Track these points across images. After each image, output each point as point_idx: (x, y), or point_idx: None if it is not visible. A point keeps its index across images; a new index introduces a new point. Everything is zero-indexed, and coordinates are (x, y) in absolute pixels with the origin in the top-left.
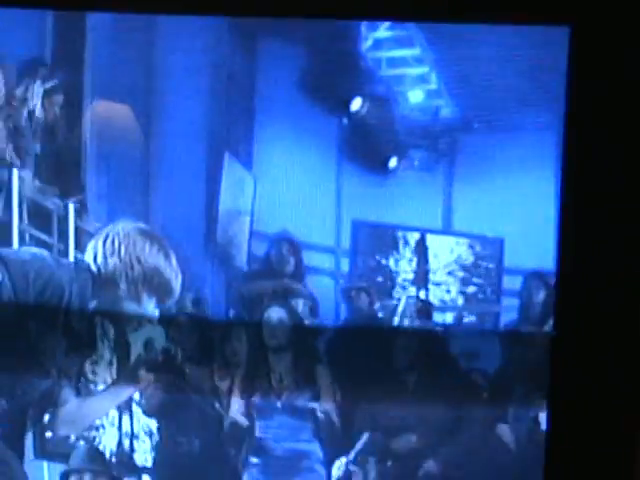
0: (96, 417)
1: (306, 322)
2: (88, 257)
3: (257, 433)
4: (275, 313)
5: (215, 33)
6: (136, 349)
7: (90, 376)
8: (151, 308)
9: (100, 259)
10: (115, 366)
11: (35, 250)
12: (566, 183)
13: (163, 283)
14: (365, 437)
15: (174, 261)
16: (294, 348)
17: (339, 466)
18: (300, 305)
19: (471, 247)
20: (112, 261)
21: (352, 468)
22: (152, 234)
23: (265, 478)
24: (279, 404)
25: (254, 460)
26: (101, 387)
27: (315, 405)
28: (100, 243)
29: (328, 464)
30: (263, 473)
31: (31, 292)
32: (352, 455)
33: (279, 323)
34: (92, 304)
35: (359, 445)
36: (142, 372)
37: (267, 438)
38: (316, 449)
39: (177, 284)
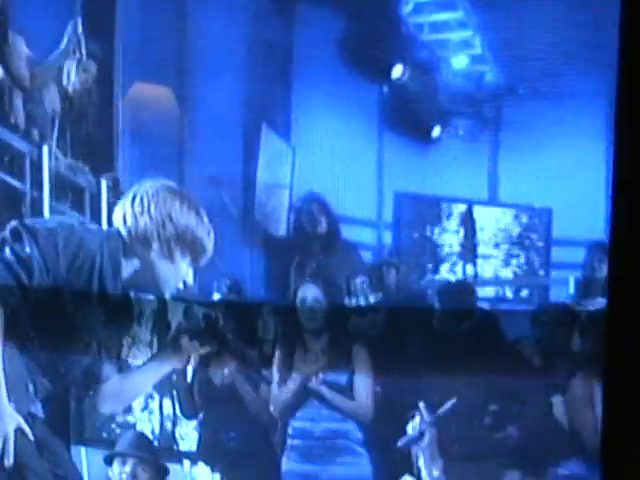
0: (139, 392)
1: (343, 300)
2: (117, 219)
3: (295, 414)
4: (310, 292)
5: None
6: (177, 318)
7: (131, 349)
8: (185, 268)
9: (130, 220)
10: (156, 337)
11: (62, 218)
12: (619, 150)
13: (196, 241)
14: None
15: (205, 219)
16: (330, 327)
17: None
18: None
19: (518, 218)
20: (142, 220)
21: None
22: (181, 192)
23: (304, 460)
24: (314, 384)
25: (293, 442)
26: (140, 361)
27: (350, 384)
28: (128, 203)
29: (368, 445)
30: (303, 455)
31: (62, 261)
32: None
33: (314, 302)
34: (126, 271)
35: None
36: (184, 341)
37: (304, 419)
38: (354, 429)
39: (210, 242)
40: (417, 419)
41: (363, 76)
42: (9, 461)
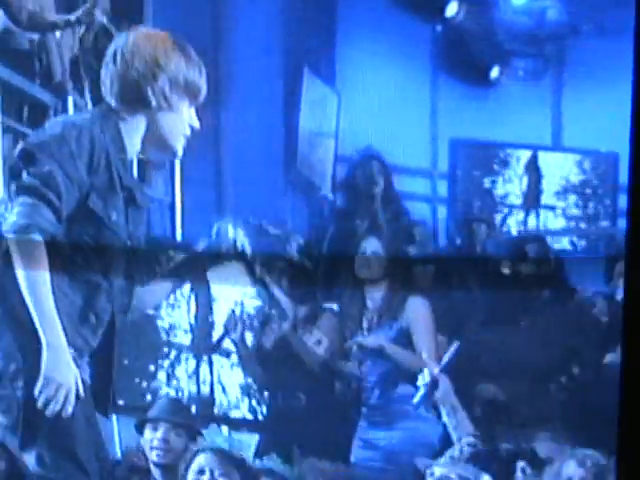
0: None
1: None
2: (104, 89)
3: (354, 377)
4: (370, 244)
5: None
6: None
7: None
8: (186, 112)
9: (117, 84)
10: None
11: (63, 118)
12: None
13: (189, 82)
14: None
15: (193, 54)
16: (389, 280)
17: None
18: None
19: (583, 164)
20: (130, 77)
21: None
22: (159, 33)
23: (367, 425)
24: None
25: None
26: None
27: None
28: (111, 65)
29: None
30: (366, 419)
31: (80, 166)
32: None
33: (373, 252)
34: (132, 145)
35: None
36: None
37: (362, 385)
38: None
39: (203, 80)
40: (425, 371)
41: (414, 15)
42: (67, 412)
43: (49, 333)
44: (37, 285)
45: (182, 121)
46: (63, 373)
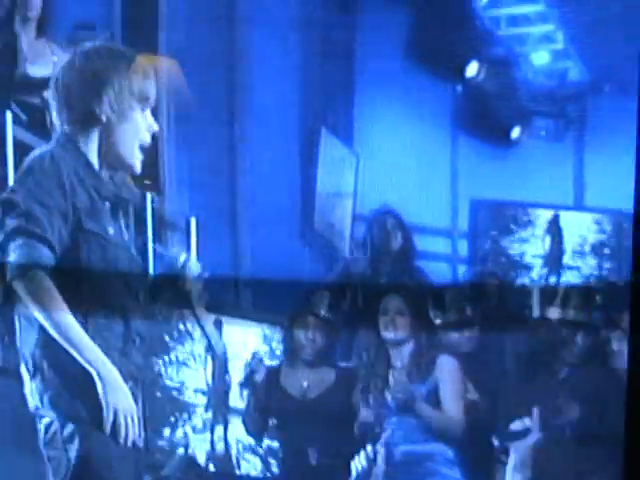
0: None
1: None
2: (56, 118)
3: (377, 435)
4: (393, 302)
5: None
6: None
7: None
8: (140, 118)
9: (65, 113)
10: None
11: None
12: None
13: (136, 89)
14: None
15: (136, 59)
16: (415, 339)
17: None
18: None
19: (603, 223)
20: (73, 97)
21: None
22: (95, 49)
23: None
24: (396, 402)
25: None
26: None
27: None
28: (53, 93)
29: (460, 464)
30: (388, 477)
31: (56, 193)
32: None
33: (397, 313)
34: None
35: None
36: None
37: (387, 442)
38: (441, 449)
39: (150, 82)
40: (526, 419)
41: (434, 75)
42: (135, 435)
43: (95, 363)
44: (60, 321)
45: (137, 130)
46: (122, 398)
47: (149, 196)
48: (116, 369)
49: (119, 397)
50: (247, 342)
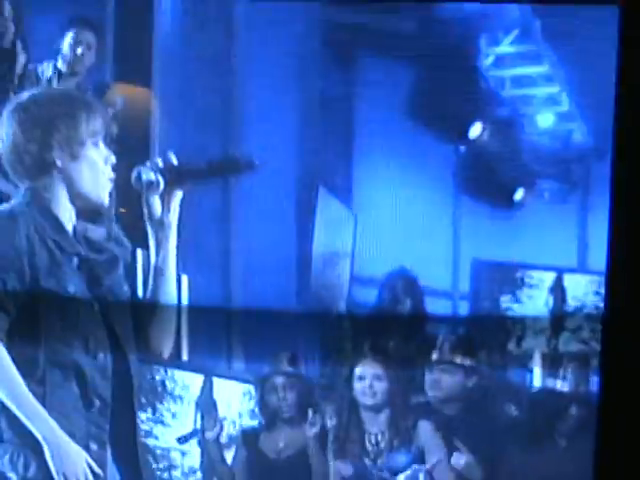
0: None
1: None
2: (12, 176)
3: None
4: (369, 368)
5: (305, 44)
6: None
7: None
8: (97, 156)
9: (19, 168)
10: None
11: None
12: None
13: (85, 128)
14: None
15: (77, 96)
16: (392, 405)
17: None
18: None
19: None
20: (22, 151)
21: None
22: (34, 99)
23: None
24: (375, 470)
25: None
26: None
27: (420, 467)
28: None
29: None
30: None
31: (13, 255)
32: None
33: (373, 378)
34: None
35: None
36: None
37: None
38: None
39: (97, 117)
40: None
41: (436, 134)
42: None
43: (40, 428)
44: (4, 383)
45: (95, 165)
46: (70, 464)
47: (139, 251)
48: (70, 432)
49: (67, 463)
50: (233, 400)
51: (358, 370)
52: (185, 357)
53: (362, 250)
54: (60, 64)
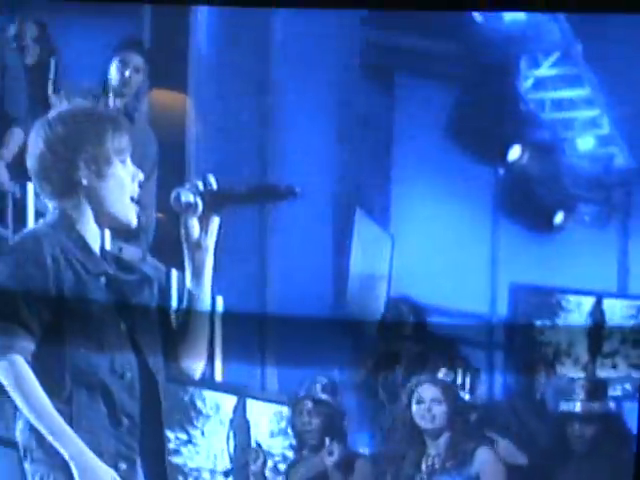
0: None
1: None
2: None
3: None
4: (428, 392)
5: (344, 65)
6: None
7: None
8: (123, 171)
9: (46, 187)
10: None
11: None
12: None
13: (111, 147)
14: None
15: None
16: (452, 429)
17: None
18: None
19: None
20: (48, 170)
21: None
22: (58, 117)
23: None
24: None
25: None
26: None
27: None
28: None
29: None
30: None
31: (40, 276)
32: None
33: (434, 402)
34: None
35: None
36: None
37: None
38: None
39: (121, 134)
40: None
41: (475, 157)
42: None
43: (67, 447)
44: (32, 404)
45: (122, 183)
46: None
47: (174, 272)
48: (99, 451)
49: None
50: (263, 422)
51: (417, 393)
52: (219, 377)
53: (399, 272)
54: (107, 84)
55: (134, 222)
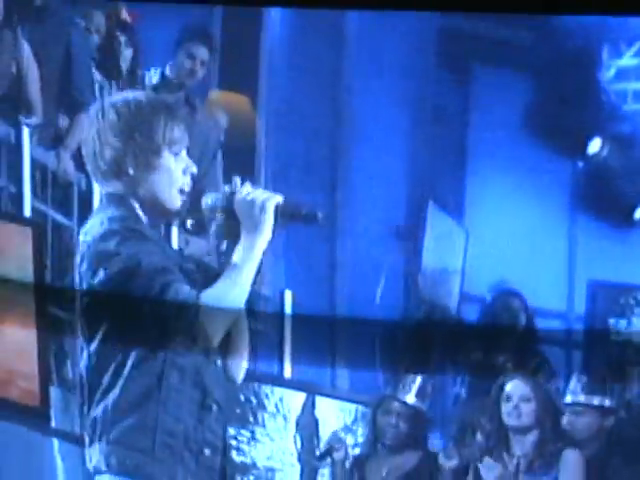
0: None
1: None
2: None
3: None
4: (517, 389)
5: (419, 57)
6: None
7: None
8: (173, 163)
9: (98, 175)
10: None
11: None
12: None
13: (165, 138)
14: None
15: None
16: (540, 428)
17: None
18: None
19: None
20: (101, 157)
21: None
22: (120, 105)
23: None
24: None
25: None
26: None
27: None
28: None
29: None
30: None
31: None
32: None
33: (520, 399)
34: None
35: None
36: None
37: None
38: None
39: (177, 125)
40: None
41: (553, 150)
42: None
43: None
44: None
45: (170, 176)
46: None
47: None
48: (185, 436)
49: None
50: (331, 420)
51: (506, 389)
52: (288, 374)
53: (473, 267)
54: (168, 73)
55: (178, 206)
